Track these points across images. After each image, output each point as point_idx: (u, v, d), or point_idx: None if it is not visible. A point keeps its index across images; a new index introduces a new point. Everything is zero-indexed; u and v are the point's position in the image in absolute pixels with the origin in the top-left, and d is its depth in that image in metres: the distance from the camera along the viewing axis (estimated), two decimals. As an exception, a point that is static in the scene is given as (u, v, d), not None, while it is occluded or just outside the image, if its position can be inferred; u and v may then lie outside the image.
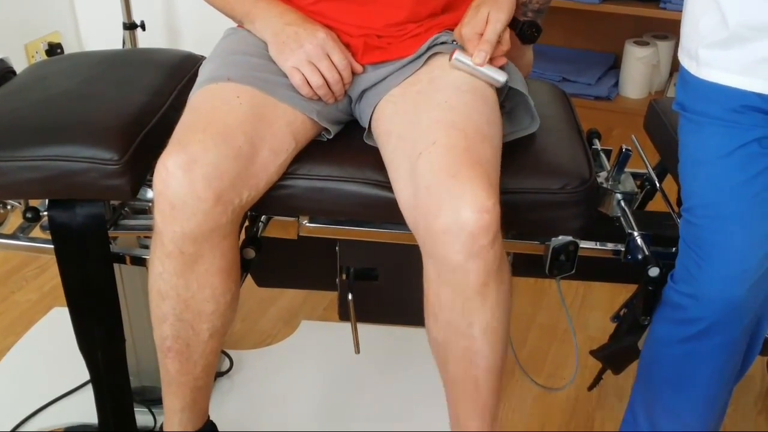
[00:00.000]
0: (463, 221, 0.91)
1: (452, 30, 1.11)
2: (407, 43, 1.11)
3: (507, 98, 1.12)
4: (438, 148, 0.95)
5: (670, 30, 2.91)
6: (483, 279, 0.94)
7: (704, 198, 1.00)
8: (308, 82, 1.07)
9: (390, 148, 1.03)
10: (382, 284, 1.25)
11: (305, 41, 1.07)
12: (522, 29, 1.08)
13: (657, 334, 1.11)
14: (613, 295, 1.77)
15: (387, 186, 1.04)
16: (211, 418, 1.18)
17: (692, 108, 0.97)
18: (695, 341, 1.04)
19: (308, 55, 1.07)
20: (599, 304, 1.80)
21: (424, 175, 0.94)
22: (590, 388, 1.40)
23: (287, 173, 1.07)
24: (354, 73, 1.11)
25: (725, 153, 0.96)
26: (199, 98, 1.06)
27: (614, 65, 3.02)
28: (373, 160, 1.07)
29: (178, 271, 1.00)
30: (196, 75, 1.14)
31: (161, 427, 1.14)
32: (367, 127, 1.10)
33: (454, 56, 1.03)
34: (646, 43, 2.85)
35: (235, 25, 1.21)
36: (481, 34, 1.04)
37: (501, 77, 1.05)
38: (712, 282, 1.00)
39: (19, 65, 1.32)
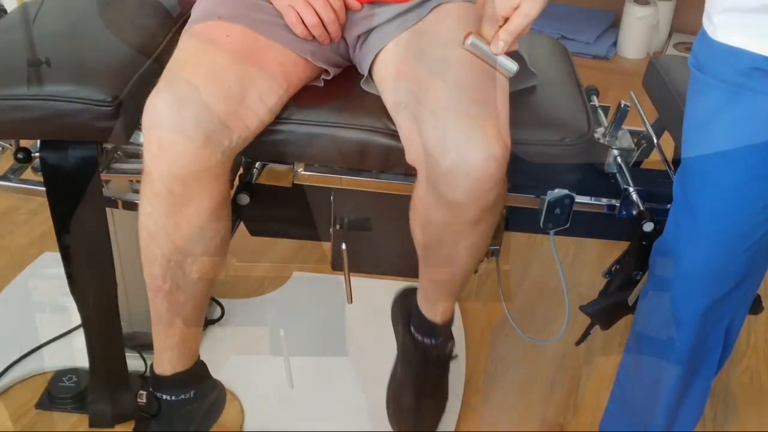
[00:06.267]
0: (469, 166, 0.90)
1: None
2: None
3: None
4: (447, 83, 0.94)
5: (672, -10, 2.87)
6: (480, 215, 0.96)
7: (701, 163, 0.98)
8: (303, 21, 1.05)
9: (394, 87, 1.01)
10: (376, 235, 1.24)
11: None
12: None
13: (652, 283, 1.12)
14: (604, 255, 1.77)
15: (384, 133, 1.03)
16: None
17: (704, 66, 0.96)
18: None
19: None
20: (590, 263, 1.81)
21: (432, 110, 0.92)
22: (578, 343, 1.41)
23: (282, 118, 1.05)
24: (350, 9, 1.08)
25: (729, 120, 0.94)
26: (189, 37, 1.05)
27: (613, 24, 2.99)
28: (370, 106, 1.05)
29: (167, 211, 0.99)
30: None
31: (151, 366, 1.14)
32: (366, 73, 1.08)
33: (470, 41, 0.95)
34: (646, 2, 2.81)
35: None
36: (506, 19, 0.95)
37: (514, 66, 0.99)
38: (689, 243, 1.01)
39: (11, 5, 1.29)
